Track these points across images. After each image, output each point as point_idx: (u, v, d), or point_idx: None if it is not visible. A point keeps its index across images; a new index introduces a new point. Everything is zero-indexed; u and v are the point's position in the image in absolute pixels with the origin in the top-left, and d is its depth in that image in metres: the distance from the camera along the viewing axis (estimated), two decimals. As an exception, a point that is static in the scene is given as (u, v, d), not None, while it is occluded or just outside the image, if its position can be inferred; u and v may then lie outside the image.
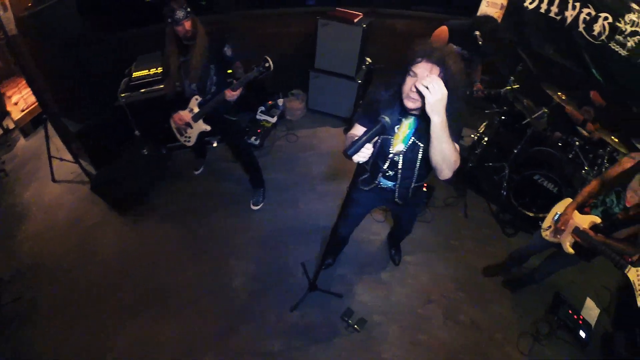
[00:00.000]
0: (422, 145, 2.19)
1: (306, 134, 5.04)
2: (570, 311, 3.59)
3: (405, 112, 2.12)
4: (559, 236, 2.87)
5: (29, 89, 4.74)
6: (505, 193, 4.45)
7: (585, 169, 4.12)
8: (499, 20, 4.94)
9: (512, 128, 4.50)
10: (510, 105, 4.44)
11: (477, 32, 3.63)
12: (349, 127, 4.76)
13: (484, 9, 5.02)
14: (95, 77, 4.04)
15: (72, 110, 4.09)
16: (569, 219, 2.79)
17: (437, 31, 3.77)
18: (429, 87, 1.75)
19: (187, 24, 3.01)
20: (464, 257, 3.93)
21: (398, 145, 2.23)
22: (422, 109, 1.90)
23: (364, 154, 1.91)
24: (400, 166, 2.35)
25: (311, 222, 4.03)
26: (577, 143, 4.16)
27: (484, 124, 4.71)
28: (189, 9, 3.01)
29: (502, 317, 3.49)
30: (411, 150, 2.24)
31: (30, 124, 5.24)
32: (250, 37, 4.77)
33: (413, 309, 3.45)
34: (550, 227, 2.98)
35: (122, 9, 4.34)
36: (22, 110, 5.14)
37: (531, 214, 4.21)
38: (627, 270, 2.43)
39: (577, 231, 2.72)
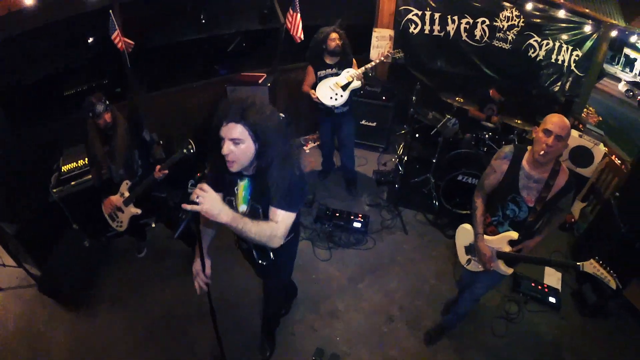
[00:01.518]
0: (259, 206, 2.06)
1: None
2: (533, 284, 3.82)
3: (239, 173, 1.99)
4: (492, 264, 2.69)
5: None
6: (436, 201, 4.63)
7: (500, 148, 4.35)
8: (390, 49, 5.33)
9: (425, 142, 4.74)
10: (419, 122, 4.70)
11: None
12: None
13: (375, 43, 5.42)
14: (23, 175, 4.05)
15: (5, 211, 4.04)
16: (487, 254, 2.64)
17: None
18: (197, 200, 1.67)
19: (107, 116, 3.12)
20: (412, 268, 4.04)
21: (241, 207, 2.12)
22: (254, 171, 1.94)
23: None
24: None
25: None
26: (486, 136, 4.39)
27: (401, 145, 4.94)
28: (107, 102, 3.13)
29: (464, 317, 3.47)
30: (252, 211, 2.09)
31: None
32: (165, 115, 4.91)
33: (377, 329, 3.46)
34: (469, 260, 2.94)
35: (40, 103, 4.42)
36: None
37: (465, 212, 4.44)
38: (582, 268, 2.36)
39: (501, 255, 2.64)
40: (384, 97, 5.28)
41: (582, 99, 5.54)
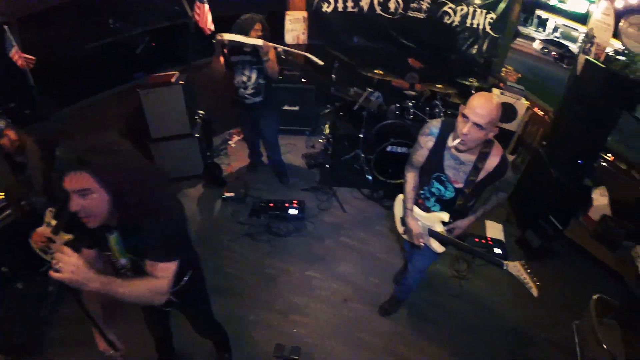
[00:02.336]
0: (138, 258, 1.78)
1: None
2: (476, 239, 3.90)
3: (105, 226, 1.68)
4: (421, 240, 2.60)
5: None
6: (369, 175, 4.59)
7: (427, 120, 4.32)
8: (305, 31, 5.22)
9: (351, 118, 4.69)
10: (341, 99, 4.62)
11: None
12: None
13: (288, 27, 5.27)
14: None
15: None
16: (415, 230, 2.55)
17: None
18: (57, 267, 1.39)
19: (11, 134, 2.79)
20: (358, 246, 3.98)
21: (120, 261, 1.84)
22: (118, 222, 1.64)
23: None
24: None
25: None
26: (410, 104, 4.37)
27: (327, 125, 4.86)
28: (9, 120, 2.82)
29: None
30: (133, 264, 1.84)
31: None
32: (80, 132, 4.55)
33: (337, 314, 3.36)
34: (405, 231, 2.81)
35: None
36: None
37: (400, 181, 4.33)
38: (505, 267, 2.25)
39: (432, 234, 2.56)
40: (303, 80, 5.17)
41: (499, 59, 5.68)
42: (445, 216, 2.44)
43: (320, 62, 3.83)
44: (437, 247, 2.59)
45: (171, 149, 4.84)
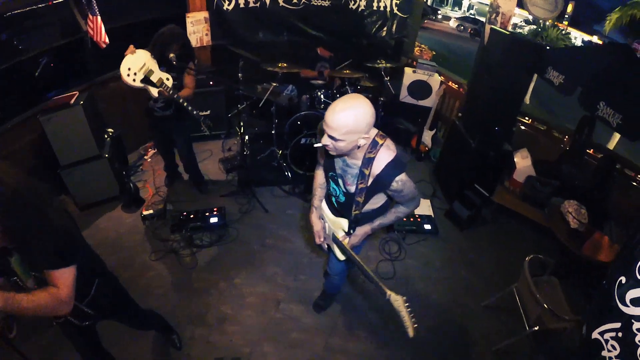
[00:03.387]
0: (38, 274, 1.76)
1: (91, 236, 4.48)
2: (404, 218, 3.87)
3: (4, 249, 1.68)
4: (321, 240, 2.58)
5: None
6: (287, 171, 4.50)
7: None
8: (208, 32, 5.03)
9: (263, 115, 4.60)
10: (249, 97, 4.49)
11: (172, 55, 3.48)
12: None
13: (191, 29, 5.07)
14: None
15: None
16: (315, 227, 2.53)
17: None
18: None
19: None
20: (284, 246, 3.90)
21: (28, 282, 1.81)
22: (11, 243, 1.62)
23: None
24: None
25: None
26: (319, 94, 4.29)
27: (241, 125, 4.70)
28: None
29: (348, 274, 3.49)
30: (38, 281, 1.80)
31: None
32: None
33: (270, 318, 3.27)
34: None
35: None
36: None
37: None
38: (387, 297, 2.06)
39: (334, 240, 2.46)
40: (211, 83, 4.97)
41: (410, 38, 5.69)
42: (345, 225, 2.36)
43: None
44: (338, 253, 2.53)
45: (83, 173, 4.55)
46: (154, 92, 3.54)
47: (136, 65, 3.48)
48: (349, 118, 1.78)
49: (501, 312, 3.42)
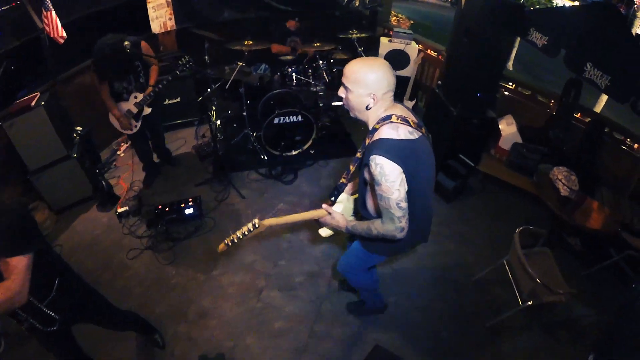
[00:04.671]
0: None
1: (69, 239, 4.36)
2: None
3: None
4: None
5: None
6: (263, 154, 4.36)
7: (312, 82, 4.25)
8: (172, 16, 4.80)
9: (234, 98, 4.41)
10: (218, 80, 4.28)
11: (126, 42, 3.30)
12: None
13: (152, 15, 4.83)
14: None
15: None
16: None
17: None
18: None
19: None
20: (265, 233, 3.63)
21: None
22: None
23: None
24: None
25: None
26: (290, 70, 4.09)
27: (213, 110, 4.50)
28: None
29: (331, 256, 3.52)
30: None
31: None
32: None
33: (251, 309, 3.17)
34: None
35: None
36: None
37: (296, 152, 4.28)
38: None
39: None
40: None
41: (385, 7, 5.48)
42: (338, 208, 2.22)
43: None
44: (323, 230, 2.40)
45: (53, 176, 4.39)
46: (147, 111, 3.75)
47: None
48: (360, 67, 1.80)
49: (493, 286, 3.33)
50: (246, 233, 2.00)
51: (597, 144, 3.79)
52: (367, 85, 1.78)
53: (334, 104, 4.65)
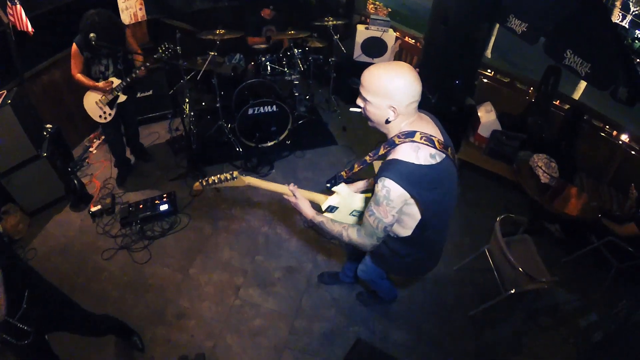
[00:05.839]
0: None
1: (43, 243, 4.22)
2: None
3: None
4: None
5: None
6: (238, 146, 4.28)
7: (287, 71, 4.18)
8: (142, 6, 4.65)
9: (208, 89, 4.29)
10: (190, 71, 4.17)
11: (92, 35, 3.17)
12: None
13: (122, 5, 4.66)
14: None
15: None
16: None
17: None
18: None
19: None
20: (238, 226, 3.71)
21: None
22: None
23: None
24: None
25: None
26: (263, 59, 4.04)
27: (186, 102, 4.38)
28: None
29: (309, 249, 3.52)
30: None
31: None
32: None
33: (230, 307, 3.10)
34: None
35: None
36: None
37: (272, 142, 4.21)
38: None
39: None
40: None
41: (361, -5, 5.40)
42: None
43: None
44: None
45: (23, 177, 4.22)
46: (122, 98, 3.60)
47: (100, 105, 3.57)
48: (379, 75, 1.57)
49: (474, 274, 3.31)
50: (222, 180, 2.03)
51: (576, 131, 3.80)
52: (386, 96, 1.58)
53: (351, 110, 4.57)
